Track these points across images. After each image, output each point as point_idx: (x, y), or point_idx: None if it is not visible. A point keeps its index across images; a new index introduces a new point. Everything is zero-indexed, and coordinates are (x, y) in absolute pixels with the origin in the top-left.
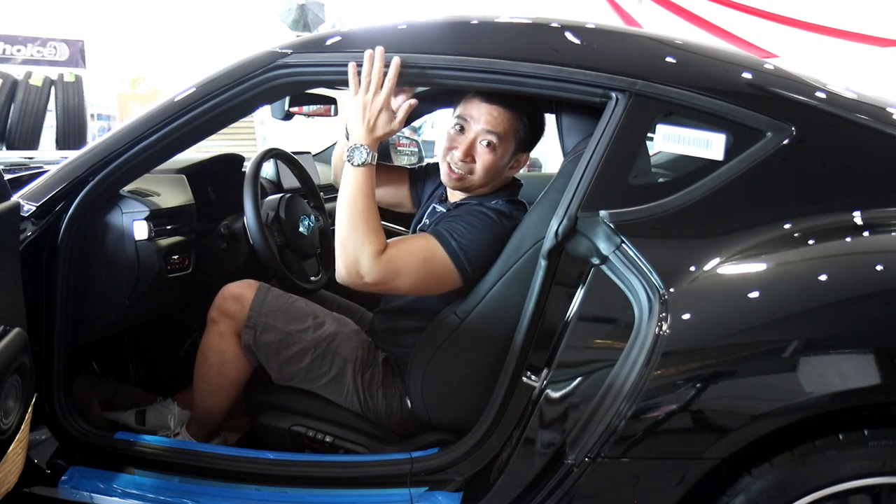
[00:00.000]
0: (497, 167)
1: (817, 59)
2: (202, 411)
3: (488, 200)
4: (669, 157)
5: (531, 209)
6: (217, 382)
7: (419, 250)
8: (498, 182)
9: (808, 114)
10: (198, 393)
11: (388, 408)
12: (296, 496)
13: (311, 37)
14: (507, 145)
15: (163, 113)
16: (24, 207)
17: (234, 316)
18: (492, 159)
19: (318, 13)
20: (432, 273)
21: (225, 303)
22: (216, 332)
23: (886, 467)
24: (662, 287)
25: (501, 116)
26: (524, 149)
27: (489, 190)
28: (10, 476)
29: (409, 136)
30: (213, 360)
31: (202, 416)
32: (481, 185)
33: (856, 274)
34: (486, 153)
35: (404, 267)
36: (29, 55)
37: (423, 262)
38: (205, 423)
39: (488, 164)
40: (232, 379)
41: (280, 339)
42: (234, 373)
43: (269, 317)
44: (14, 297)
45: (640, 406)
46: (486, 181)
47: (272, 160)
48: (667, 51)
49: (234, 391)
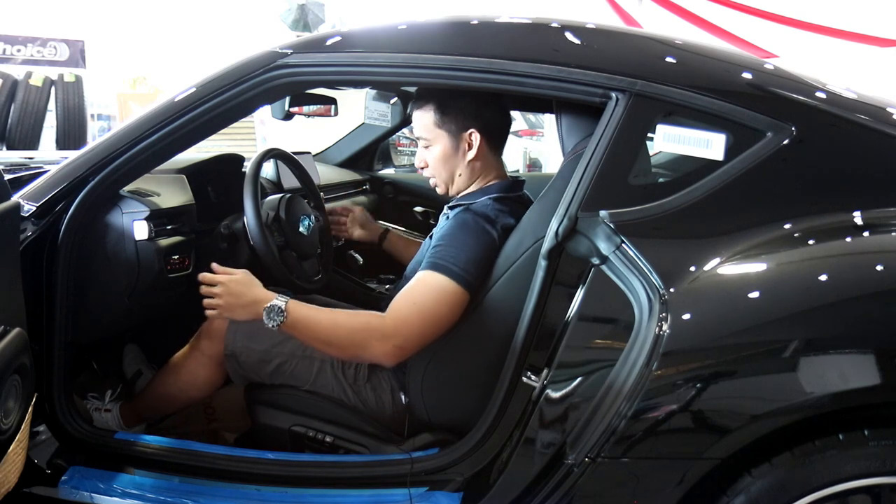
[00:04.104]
0: (446, 158)
1: (817, 59)
2: (145, 405)
3: (477, 199)
4: (669, 157)
5: (531, 209)
6: (175, 396)
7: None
8: (482, 175)
9: (808, 114)
10: (151, 391)
11: (378, 401)
12: (296, 496)
13: (311, 37)
14: (437, 136)
15: (163, 113)
16: (24, 207)
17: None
18: (435, 154)
19: (318, 13)
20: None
21: (203, 339)
22: (198, 356)
23: (886, 467)
24: (662, 287)
25: (418, 119)
26: (460, 129)
27: (479, 185)
28: (10, 476)
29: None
30: (184, 378)
31: (143, 408)
32: (455, 182)
33: (856, 274)
34: (428, 153)
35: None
36: (29, 55)
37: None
38: (139, 412)
39: (435, 160)
40: (191, 397)
41: (260, 357)
42: (195, 394)
43: (244, 341)
44: (14, 297)
45: (640, 406)
46: (450, 175)
47: (272, 160)
48: (667, 51)
49: (182, 406)
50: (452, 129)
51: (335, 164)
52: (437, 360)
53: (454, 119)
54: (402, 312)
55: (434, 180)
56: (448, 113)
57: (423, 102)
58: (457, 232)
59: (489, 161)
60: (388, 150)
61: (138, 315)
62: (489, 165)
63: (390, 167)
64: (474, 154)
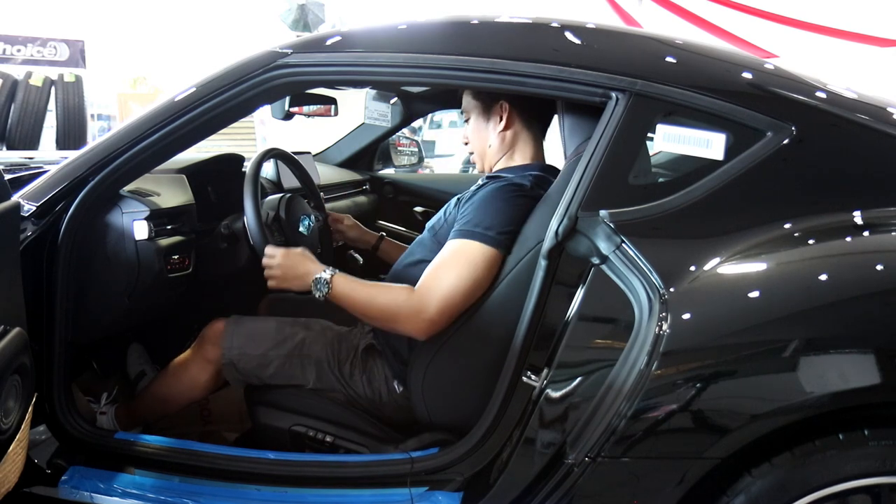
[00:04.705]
0: (479, 129)
1: (817, 59)
2: (143, 407)
3: (509, 174)
4: (669, 157)
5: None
6: (174, 398)
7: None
8: (514, 150)
9: (808, 114)
10: (149, 394)
11: (373, 393)
12: (296, 496)
13: (312, 37)
14: (473, 108)
15: (163, 113)
16: (24, 207)
17: (212, 356)
18: (472, 126)
19: (318, 13)
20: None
21: (202, 344)
22: (199, 360)
23: (886, 467)
24: (662, 287)
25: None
26: (492, 99)
27: (510, 161)
28: (10, 476)
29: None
30: (184, 382)
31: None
32: (487, 155)
33: (856, 274)
34: (468, 127)
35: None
36: (29, 55)
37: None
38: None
39: (472, 132)
40: (190, 399)
41: (258, 362)
42: (194, 396)
43: (241, 347)
44: (14, 297)
45: (640, 406)
46: (482, 147)
47: (272, 160)
48: (667, 51)
49: (180, 408)
50: (486, 99)
51: (335, 164)
52: (438, 360)
53: (487, 94)
54: (431, 285)
55: (473, 156)
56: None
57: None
58: (484, 199)
59: (522, 136)
60: (388, 150)
61: (138, 315)
62: (523, 141)
63: (390, 167)
64: (503, 125)
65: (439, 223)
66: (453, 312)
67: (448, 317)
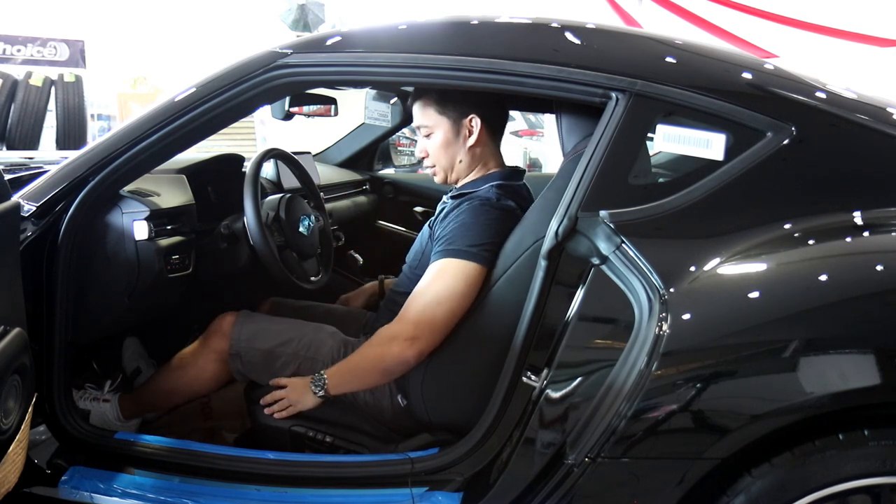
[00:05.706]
0: (447, 144)
1: (817, 59)
2: (147, 397)
3: (478, 187)
4: (669, 157)
5: (531, 209)
6: (180, 390)
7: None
8: (482, 163)
9: (808, 114)
10: (155, 385)
11: (376, 404)
12: (296, 496)
13: (311, 37)
14: (438, 123)
15: (163, 113)
16: (24, 207)
17: (220, 347)
18: (436, 142)
19: (318, 13)
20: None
21: (211, 336)
22: (207, 352)
23: (886, 467)
24: (662, 287)
25: (419, 108)
26: (461, 115)
27: (479, 173)
28: (10, 476)
29: (409, 137)
30: (191, 374)
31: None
32: (455, 169)
33: (856, 274)
34: (428, 141)
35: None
36: (29, 55)
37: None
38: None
39: (436, 147)
40: (195, 392)
41: (263, 358)
42: (199, 388)
43: (248, 341)
44: (14, 297)
45: (640, 406)
46: (450, 162)
47: (272, 160)
48: (667, 51)
49: (185, 401)
50: (453, 115)
51: (335, 164)
52: (438, 361)
53: (455, 106)
54: (406, 307)
55: (434, 169)
56: (449, 100)
57: (424, 91)
58: (462, 220)
59: (489, 149)
60: (388, 150)
61: (138, 315)
62: (489, 153)
63: (390, 167)
64: (475, 140)
65: (415, 259)
66: (435, 326)
67: (430, 330)
